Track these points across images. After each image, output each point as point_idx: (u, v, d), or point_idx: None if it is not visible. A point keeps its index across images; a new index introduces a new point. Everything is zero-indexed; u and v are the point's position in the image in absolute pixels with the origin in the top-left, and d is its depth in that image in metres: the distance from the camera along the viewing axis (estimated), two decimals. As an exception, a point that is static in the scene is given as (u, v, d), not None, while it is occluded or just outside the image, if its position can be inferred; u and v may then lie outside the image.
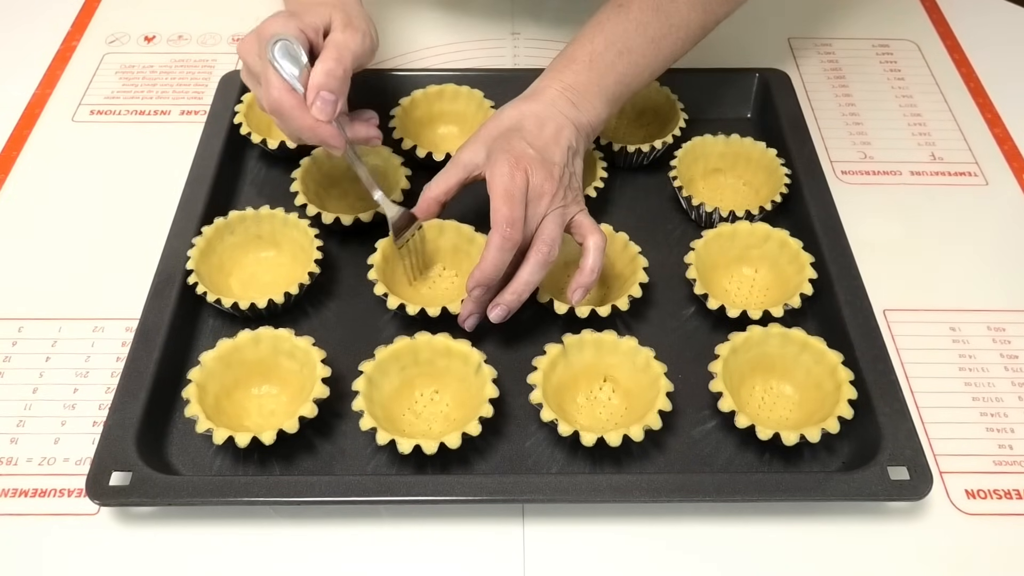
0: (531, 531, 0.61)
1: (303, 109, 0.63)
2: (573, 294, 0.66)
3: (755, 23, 1.01)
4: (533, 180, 0.64)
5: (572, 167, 0.68)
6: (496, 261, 0.63)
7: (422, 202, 0.69)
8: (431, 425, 0.65)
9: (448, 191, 0.68)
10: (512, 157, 0.64)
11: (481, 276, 0.64)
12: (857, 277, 0.71)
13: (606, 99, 0.71)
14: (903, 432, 0.61)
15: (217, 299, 0.68)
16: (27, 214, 0.80)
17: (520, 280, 0.65)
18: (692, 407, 0.66)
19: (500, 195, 0.63)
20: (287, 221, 0.73)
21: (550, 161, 0.66)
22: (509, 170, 0.64)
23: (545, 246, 0.65)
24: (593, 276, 0.66)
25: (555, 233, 0.65)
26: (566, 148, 0.68)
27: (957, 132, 0.89)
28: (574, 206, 0.68)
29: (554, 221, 0.65)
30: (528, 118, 0.68)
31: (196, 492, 0.58)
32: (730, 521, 0.61)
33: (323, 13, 0.66)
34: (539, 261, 0.64)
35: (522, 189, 0.64)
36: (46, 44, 0.97)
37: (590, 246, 0.66)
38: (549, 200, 0.65)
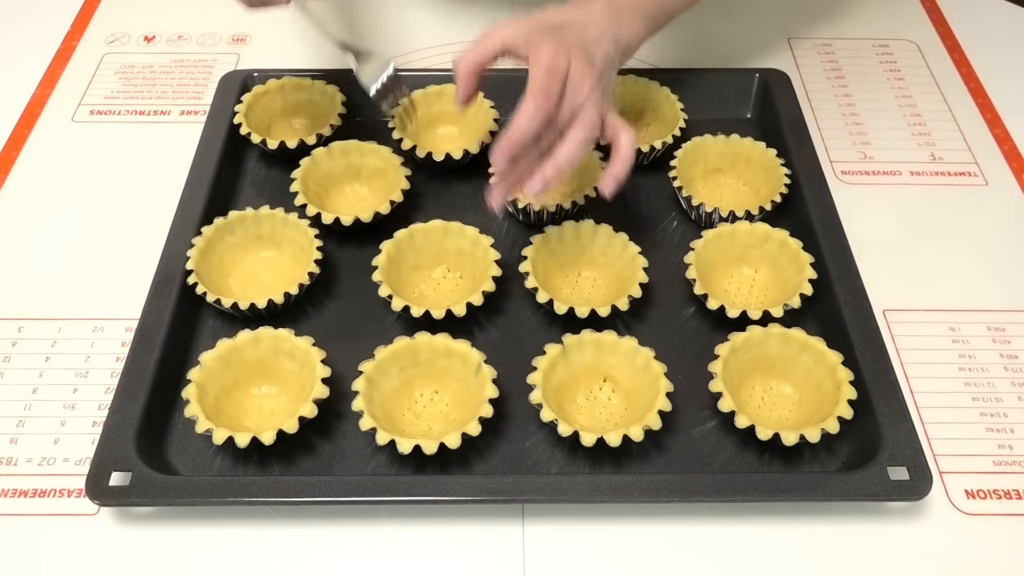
0: (531, 531, 0.61)
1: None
2: (607, 186, 0.67)
3: (755, 23, 1.01)
4: (575, 66, 0.65)
5: (610, 74, 0.69)
6: (525, 127, 0.63)
7: (458, 79, 0.67)
8: (431, 425, 0.65)
9: (481, 62, 0.67)
10: (558, 41, 0.65)
11: (508, 141, 0.63)
12: (857, 277, 0.71)
13: (645, 16, 0.72)
14: (903, 432, 0.61)
15: (217, 299, 0.68)
16: (27, 214, 0.80)
17: (561, 154, 0.64)
18: (692, 407, 0.66)
19: (541, 69, 0.63)
20: (287, 221, 0.73)
21: (592, 55, 0.67)
22: (553, 51, 0.64)
23: (588, 125, 0.65)
24: (626, 167, 0.67)
25: (596, 118, 0.65)
26: (607, 52, 0.68)
27: (957, 132, 0.89)
28: (608, 106, 0.69)
29: (594, 107, 0.66)
30: (574, 21, 0.68)
31: (196, 492, 0.58)
32: (730, 521, 0.61)
33: None
34: (580, 138, 0.64)
35: (563, 68, 0.64)
36: (46, 44, 0.97)
37: (623, 142, 0.67)
38: (589, 88, 0.65)
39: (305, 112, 0.85)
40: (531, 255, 0.71)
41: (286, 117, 0.85)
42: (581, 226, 0.73)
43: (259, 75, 0.87)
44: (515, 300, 0.73)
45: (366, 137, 0.80)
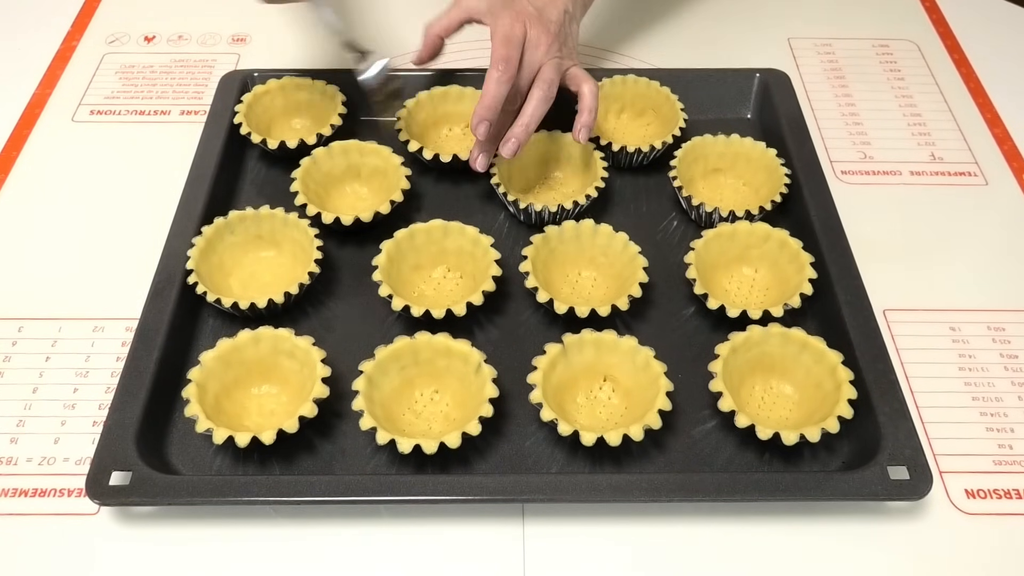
0: (531, 531, 0.61)
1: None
2: (579, 133, 0.75)
3: (755, 23, 1.01)
4: (530, 32, 0.73)
5: (568, 29, 0.78)
6: (495, 93, 0.71)
7: (424, 40, 0.78)
8: (431, 425, 0.65)
9: (449, 28, 0.78)
10: (513, 11, 0.73)
11: (483, 109, 0.71)
12: (857, 277, 0.71)
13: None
14: (903, 432, 0.61)
15: (217, 299, 0.68)
16: (27, 214, 0.80)
17: (527, 113, 0.73)
18: (692, 407, 0.66)
19: (499, 39, 0.72)
20: (287, 221, 0.73)
21: (547, 19, 0.75)
22: (510, 21, 0.72)
23: (545, 83, 0.73)
24: (592, 116, 0.75)
25: (552, 76, 0.74)
26: (563, 11, 0.76)
27: (957, 132, 0.89)
28: (568, 60, 0.77)
29: (551, 66, 0.74)
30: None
31: (196, 492, 0.58)
32: (730, 521, 0.61)
33: None
34: (540, 97, 0.73)
35: (519, 36, 0.72)
36: (46, 44, 0.97)
37: (585, 91, 0.75)
38: (545, 49, 0.74)
39: (305, 112, 0.85)
40: (531, 255, 0.71)
41: (286, 117, 0.85)
42: (581, 226, 0.73)
43: (259, 75, 0.87)
44: (515, 300, 0.73)
45: (366, 137, 0.80)
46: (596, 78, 0.85)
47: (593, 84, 0.76)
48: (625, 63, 0.95)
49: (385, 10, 1.00)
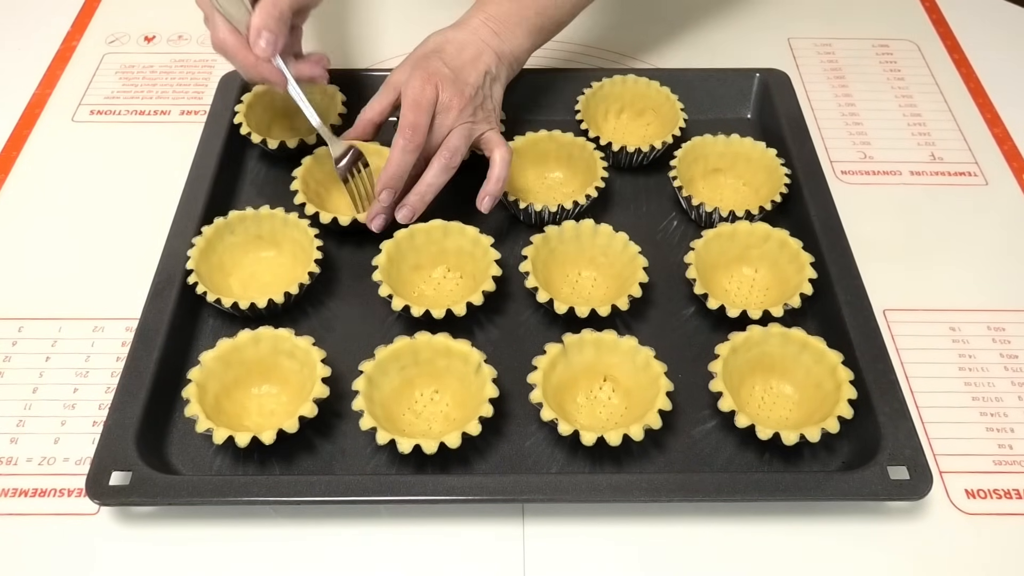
0: (531, 531, 0.61)
1: (246, 48, 0.70)
2: (481, 202, 0.72)
3: (755, 23, 1.01)
4: (442, 95, 0.71)
5: (488, 91, 0.74)
6: (399, 162, 0.69)
7: (358, 125, 0.75)
8: (431, 425, 0.65)
9: (382, 112, 0.75)
10: (426, 73, 0.70)
11: (387, 178, 0.70)
12: (857, 277, 0.71)
13: (527, 30, 0.76)
14: (903, 432, 0.61)
15: (217, 299, 0.68)
16: (27, 214, 0.80)
17: (424, 182, 0.71)
18: (692, 407, 0.66)
19: (408, 104, 0.70)
20: (287, 221, 0.73)
21: (463, 81, 0.72)
22: (420, 83, 0.70)
23: (448, 152, 0.71)
24: (499, 185, 0.72)
25: (459, 143, 0.71)
26: (483, 72, 0.73)
27: (957, 132, 0.89)
28: (484, 124, 0.74)
29: (460, 133, 0.72)
30: (450, 43, 0.73)
31: (196, 492, 0.58)
32: (730, 521, 0.61)
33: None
34: (441, 165, 0.71)
35: (430, 100, 0.70)
36: (46, 44, 0.97)
37: (496, 158, 0.72)
38: (456, 114, 0.71)
39: (304, 113, 0.85)
40: (531, 255, 0.71)
41: (286, 117, 0.85)
42: (581, 226, 0.73)
43: (259, 75, 0.87)
44: (515, 300, 0.73)
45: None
46: (596, 78, 0.85)
47: (506, 151, 0.73)
48: (625, 63, 0.95)
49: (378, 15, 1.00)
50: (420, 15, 1.00)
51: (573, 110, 0.83)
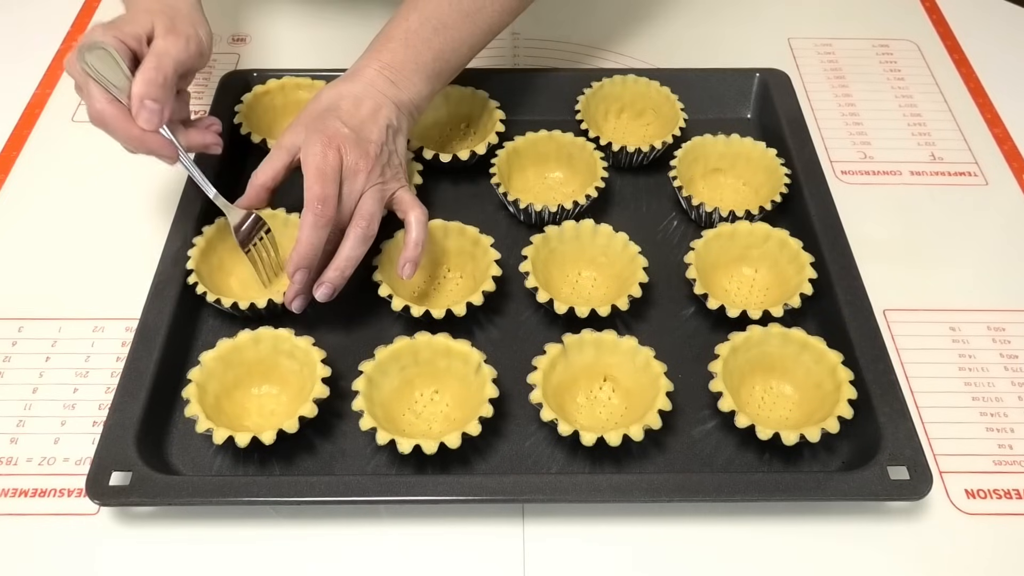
0: (531, 531, 0.61)
1: (128, 120, 0.63)
2: (402, 270, 0.67)
3: (755, 23, 1.01)
4: (347, 159, 0.65)
5: (392, 145, 0.69)
6: (311, 239, 0.64)
7: (250, 191, 0.69)
8: (431, 425, 0.65)
9: (275, 176, 0.68)
10: (325, 136, 0.65)
11: (299, 258, 0.64)
12: (857, 277, 0.71)
13: (425, 76, 0.72)
14: (903, 432, 0.61)
15: (217, 299, 0.68)
16: (27, 214, 0.80)
17: (342, 256, 0.66)
18: (692, 407, 0.66)
19: (312, 174, 0.64)
20: (288, 221, 0.73)
21: (366, 139, 0.67)
22: (321, 149, 0.64)
23: (364, 220, 0.66)
24: (418, 249, 0.67)
25: (373, 208, 0.67)
26: (384, 127, 0.68)
27: (957, 132, 0.89)
28: (394, 183, 0.69)
29: (372, 197, 0.67)
30: (345, 98, 0.68)
31: (196, 492, 0.58)
32: (730, 521, 0.61)
33: (144, 20, 0.65)
34: (358, 236, 0.66)
35: (335, 167, 0.65)
36: (46, 44, 0.97)
37: (412, 220, 0.68)
38: (365, 177, 0.66)
39: (305, 112, 0.85)
40: (531, 255, 0.71)
41: (286, 117, 0.85)
42: (581, 226, 0.73)
43: (259, 75, 0.87)
44: (515, 300, 0.73)
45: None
46: (596, 78, 0.85)
47: (421, 212, 0.68)
48: (625, 63, 0.95)
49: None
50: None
51: (573, 110, 0.83)
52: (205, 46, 0.68)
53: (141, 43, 0.65)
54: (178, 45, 0.65)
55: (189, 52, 0.66)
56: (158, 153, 0.65)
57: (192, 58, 0.66)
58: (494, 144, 0.80)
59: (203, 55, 0.68)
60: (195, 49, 0.66)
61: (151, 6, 0.67)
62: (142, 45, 0.65)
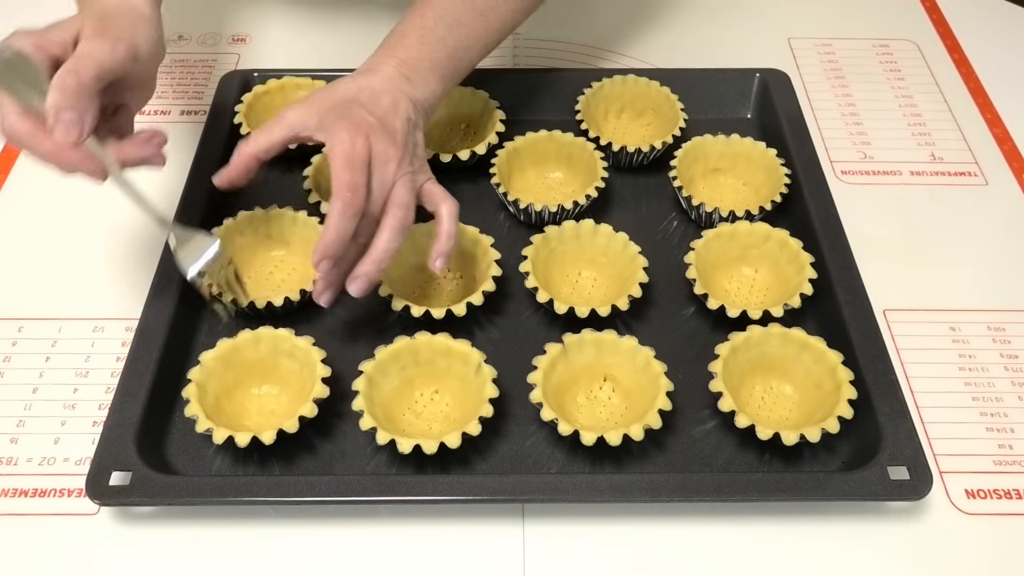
0: (531, 531, 0.61)
1: (43, 133, 0.55)
2: (434, 263, 0.65)
3: (755, 23, 1.01)
4: (376, 146, 0.62)
5: (414, 138, 0.67)
6: (339, 229, 0.60)
7: (237, 159, 0.64)
8: (431, 425, 0.65)
9: (270, 149, 0.64)
10: (352, 124, 0.62)
11: (325, 247, 0.61)
12: (857, 277, 0.71)
13: (439, 74, 0.70)
14: (903, 432, 0.61)
15: (233, 299, 0.68)
16: (27, 214, 0.80)
17: (378, 248, 0.63)
18: (692, 407, 0.66)
19: (340, 161, 0.61)
20: (296, 220, 0.74)
21: (391, 129, 0.64)
22: (350, 136, 0.61)
23: (400, 210, 0.63)
24: (451, 242, 0.65)
25: (408, 197, 0.64)
26: (405, 120, 0.66)
27: (957, 132, 0.89)
28: (422, 174, 0.66)
29: (405, 186, 0.64)
30: (364, 91, 0.66)
31: (196, 492, 0.58)
32: (730, 521, 0.61)
33: (73, 24, 0.59)
34: (395, 226, 0.63)
35: (363, 155, 0.61)
36: (46, 44, 0.97)
37: (443, 213, 0.65)
38: (396, 165, 0.63)
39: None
40: (531, 255, 0.71)
41: (286, 117, 0.85)
42: (581, 226, 0.73)
43: (259, 75, 0.87)
44: (515, 300, 0.73)
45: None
46: (596, 78, 0.85)
47: (452, 204, 0.66)
48: (625, 63, 0.95)
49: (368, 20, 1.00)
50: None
51: (573, 110, 0.83)
52: (141, 50, 0.61)
53: (66, 49, 0.58)
54: (103, 47, 0.57)
55: (116, 56, 0.58)
56: (82, 170, 0.57)
57: (121, 62, 0.58)
58: (494, 144, 0.80)
59: (138, 60, 0.60)
60: (125, 53, 0.58)
61: (92, 9, 0.61)
62: (67, 51, 0.58)
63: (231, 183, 0.65)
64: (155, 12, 0.65)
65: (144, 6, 0.64)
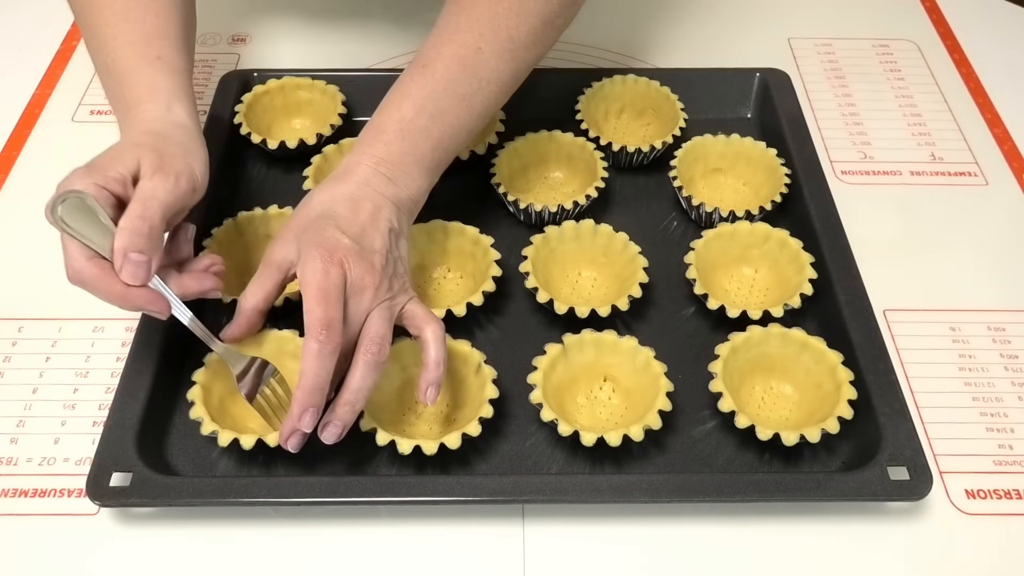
0: (531, 531, 0.61)
1: (111, 277, 0.56)
2: (424, 395, 0.60)
3: (755, 23, 1.01)
4: (352, 274, 0.58)
5: (397, 251, 0.62)
6: (317, 372, 0.56)
7: (240, 317, 0.62)
8: (431, 426, 0.65)
9: (267, 298, 0.61)
10: (325, 251, 0.58)
11: (305, 396, 0.56)
12: (857, 277, 0.71)
13: (424, 168, 0.65)
14: (903, 432, 0.61)
15: (233, 299, 0.68)
16: (27, 214, 0.80)
17: (351, 388, 0.58)
18: (692, 407, 0.66)
19: (313, 295, 0.56)
20: (279, 215, 0.73)
21: (369, 250, 0.60)
22: (323, 265, 0.57)
23: (374, 345, 0.58)
24: (440, 370, 0.60)
25: (383, 329, 0.59)
26: (387, 231, 0.61)
27: (957, 132, 0.89)
28: (402, 296, 0.62)
29: (381, 316, 0.59)
30: (340, 203, 0.61)
31: (196, 493, 0.58)
32: (730, 521, 0.61)
33: (129, 160, 0.58)
34: (368, 363, 0.58)
35: (338, 286, 0.57)
36: (46, 44, 0.97)
37: (428, 338, 0.60)
38: (373, 293, 0.59)
39: (305, 112, 0.85)
40: (531, 255, 0.71)
41: (286, 117, 0.85)
42: (581, 226, 0.73)
43: (259, 75, 0.87)
44: (515, 300, 0.73)
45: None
46: (596, 78, 0.85)
47: (437, 327, 0.60)
48: (625, 63, 0.95)
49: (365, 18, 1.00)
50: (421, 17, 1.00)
51: (573, 110, 0.83)
52: (199, 180, 0.61)
53: (126, 186, 0.57)
54: (166, 186, 0.57)
55: (179, 191, 0.58)
56: (149, 309, 0.58)
57: (183, 196, 0.59)
58: (494, 144, 0.80)
59: (196, 190, 0.61)
60: (186, 186, 0.59)
61: (140, 139, 0.60)
62: (127, 188, 0.57)
63: (236, 339, 0.63)
64: (197, 123, 0.65)
65: (188, 119, 0.64)
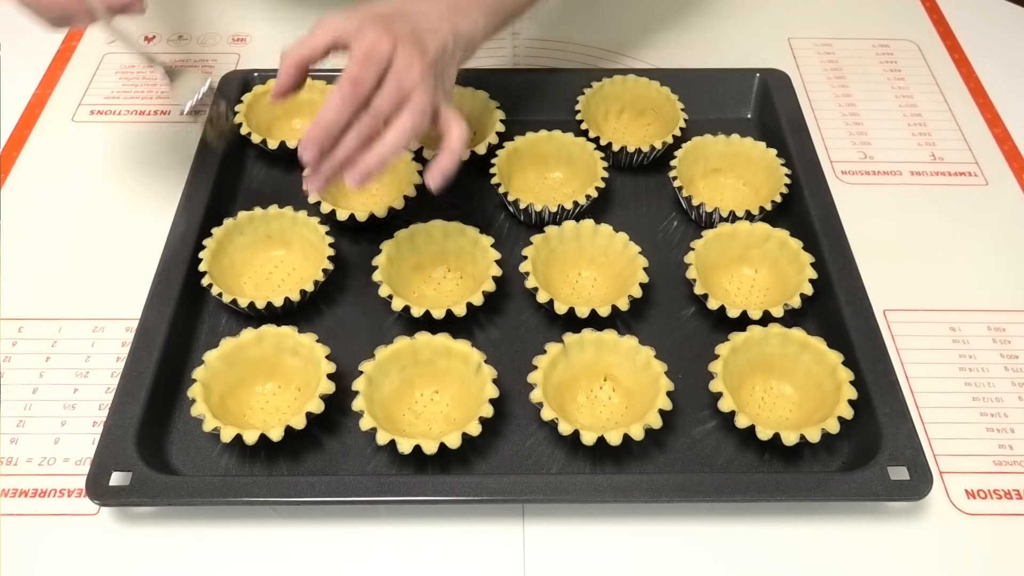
0: (531, 531, 0.61)
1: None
2: (431, 177, 0.63)
3: (755, 23, 1.01)
4: (401, 53, 0.60)
5: (443, 64, 0.65)
6: (332, 117, 0.59)
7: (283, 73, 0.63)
8: (431, 425, 0.65)
9: (312, 56, 0.63)
10: (383, 28, 0.60)
11: (314, 132, 0.59)
12: (857, 277, 0.71)
13: (486, 12, 0.69)
14: (903, 432, 0.61)
15: (233, 300, 0.68)
16: (27, 214, 0.80)
17: (385, 142, 0.60)
18: (692, 407, 0.66)
19: (357, 56, 0.59)
20: (296, 220, 0.73)
21: (423, 44, 0.62)
22: (376, 35, 0.60)
23: (416, 114, 0.61)
24: (454, 159, 0.63)
25: (425, 105, 0.61)
26: (441, 45, 0.64)
27: (957, 132, 0.89)
28: (444, 100, 0.65)
29: (426, 95, 0.61)
30: (410, 10, 0.65)
31: (196, 492, 0.58)
32: (730, 521, 0.61)
33: None
34: (406, 127, 0.60)
35: (383, 56, 0.60)
36: (46, 44, 0.97)
37: (454, 133, 0.63)
38: (419, 75, 0.61)
39: (305, 112, 0.85)
40: (531, 255, 0.71)
41: (286, 117, 0.85)
42: (581, 226, 0.73)
43: (259, 75, 0.87)
44: (515, 300, 0.73)
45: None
46: (596, 78, 0.85)
47: (463, 128, 0.64)
48: (625, 63, 0.95)
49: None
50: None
51: (573, 110, 0.83)
52: None
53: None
54: None
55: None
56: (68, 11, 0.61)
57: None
58: (494, 144, 0.80)
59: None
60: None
61: None
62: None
63: (283, 94, 0.64)
64: None
65: None
